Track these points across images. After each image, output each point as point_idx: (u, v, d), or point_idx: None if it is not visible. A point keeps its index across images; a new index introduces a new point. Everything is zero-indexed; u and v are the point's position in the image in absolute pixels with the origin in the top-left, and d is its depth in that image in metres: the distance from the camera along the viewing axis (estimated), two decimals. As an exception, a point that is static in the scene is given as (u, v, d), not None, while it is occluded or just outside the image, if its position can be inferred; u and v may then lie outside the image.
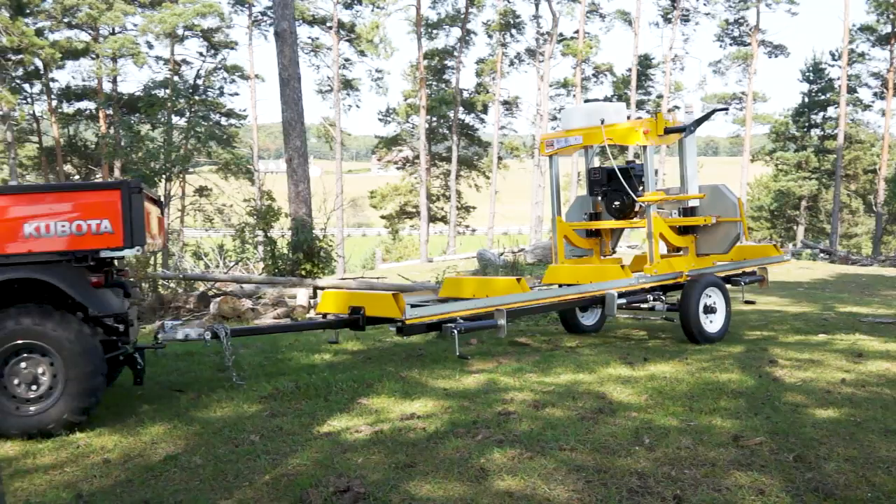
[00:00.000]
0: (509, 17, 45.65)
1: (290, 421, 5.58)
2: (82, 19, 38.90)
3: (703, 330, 8.61)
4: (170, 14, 39.26)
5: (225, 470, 4.58)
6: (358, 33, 44.45)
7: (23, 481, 4.54)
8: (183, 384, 7.03)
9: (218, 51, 43.83)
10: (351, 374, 6.97)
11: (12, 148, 38.73)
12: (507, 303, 7.66)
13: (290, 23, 16.29)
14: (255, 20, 44.69)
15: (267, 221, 17.29)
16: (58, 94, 41.54)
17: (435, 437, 5.05)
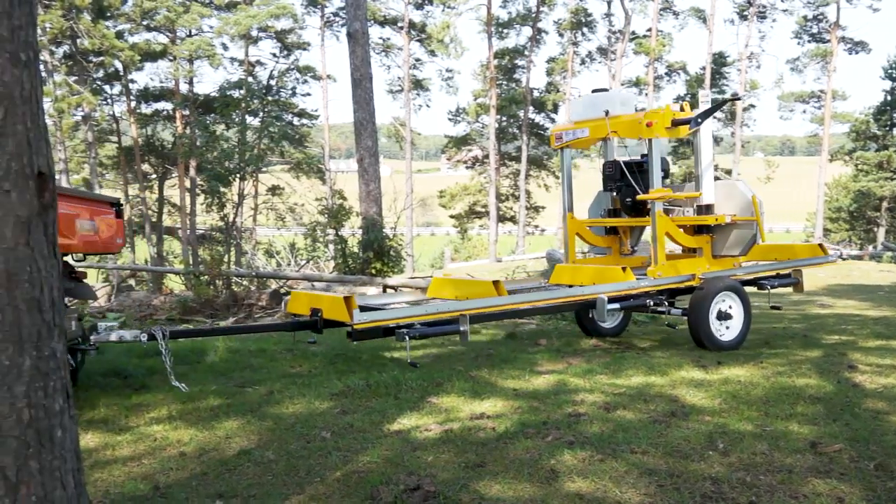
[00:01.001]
0: (581, 16, 45.34)
1: (361, 418, 5.62)
2: (160, 22, 39.81)
3: (714, 337, 8.16)
4: (244, 16, 39.96)
5: (297, 465, 4.63)
6: (429, 33, 44.66)
7: (102, 472, 4.66)
8: (256, 380, 7.14)
9: (291, 52, 44.45)
10: (421, 372, 6.99)
11: (93, 148, 39.86)
12: (471, 308, 7.32)
13: (362, 23, 16.44)
14: (327, 21, 45.22)
15: (338, 220, 17.49)
16: (136, 95, 42.59)
17: (505, 438, 5.03)
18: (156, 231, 42.33)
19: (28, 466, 2.93)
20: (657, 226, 8.32)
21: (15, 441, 2.90)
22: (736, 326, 8.34)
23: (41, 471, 2.96)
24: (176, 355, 8.02)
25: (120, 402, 6.36)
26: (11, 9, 2.79)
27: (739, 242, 8.63)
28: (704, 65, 45.90)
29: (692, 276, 8.48)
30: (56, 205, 3.03)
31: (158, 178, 44.39)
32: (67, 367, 3.12)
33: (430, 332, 7.01)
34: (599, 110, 8.68)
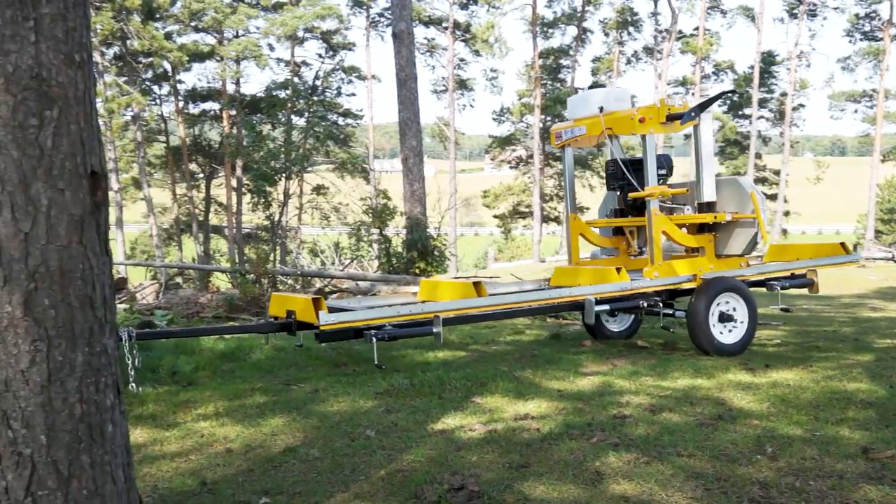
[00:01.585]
0: (627, 15, 45.05)
1: (405, 417, 5.64)
2: (208, 23, 40.30)
3: (714, 340, 7.90)
4: (291, 17, 40.30)
5: (342, 463, 4.66)
6: (473, 33, 44.66)
7: (151, 467, 4.73)
8: (301, 378, 7.19)
9: (336, 52, 44.74)
10: (464, 372, 6.99)
11: (142, 147, 40.48)
12: (445, 309, 7.24)
13: (407, 24, 16.48)
14: (372, 21, 45.44)
15: (382, 220, 17.56)
16: (184, 95, 43.17)
17: (549, 438, 5.01)
18: (202, 230, 42.86)
19: (80, 461, 2.98)
20: (653, 224, 8.10)
21: (67, 435, 2.95)
22: (740, 329, 8.08)
23: (92, 465, 3.01)
24: (223, 353, 8.14)
25: (168, 399, 6.45)
26: (66, 11, 2.84)
27: (742, 241, 8.38)
28: (753, 64, 45.29)
29: (693, 277, 8.24)
30: (108, 203, 3.08)
31: (205, 178, 44.95)
32: (118, 363, 3.17)
33: (400, 334, 6.98)
34: (594, 107, 8.48)
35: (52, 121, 2.84)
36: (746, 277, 8.52)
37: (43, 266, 2.87)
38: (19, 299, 2.86)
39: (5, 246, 2.85)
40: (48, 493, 2.94)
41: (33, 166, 2.83)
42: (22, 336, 2.88)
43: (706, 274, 8.25)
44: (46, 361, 2.90)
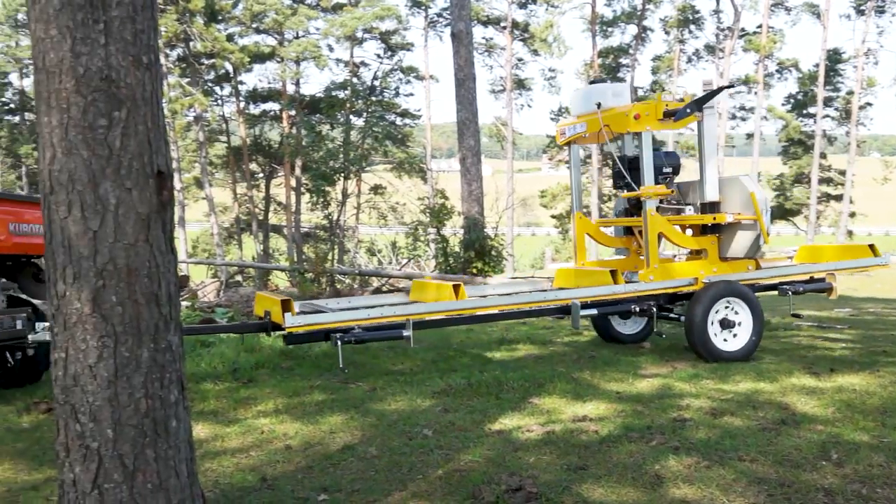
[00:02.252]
0: (688, 13, 44.47)
1: (463, 417, 5.64)
2: (269, 24, 40.78)
3: (713, 347, 7.57)
4: (350, 17, 40.59)
5: (399, 462, 4.67)
6: (531, 33, 44.50)
7: (212, 463, 4.80)
8: (359, 377, 7.24)
9: (395, 52, 44.94)
10: (522, 373, 6.97)
11: (203, 147, 41.13)
12: (418, 312, 7.09)
13: (466, 24, 16.49)
14: (430, 22, 45.54)
15: (440, 220, 17.59)
16: (245, 96, 43.77)
17: (608, 441, 4.97)
18: (262, 229, 43.40)
19: (145, 455, 3.04)
20: (649, 225, 7.85)
21: (133, 430, 3.01)
22: (743, 335, 7.73)
23: (157, 459, 3.07)
24: (283, 351, 8.22)
25: (229, 396, 6.55)
26: (135, 14, 2.90)
27: (744, 243, 8.03)
28: (818, 62, 44.36)
29: (694, 280, 7.92)
30: (174, 202, 3.13)
31: (265, 177, 45.50)
32: (183, 359, 3.22)
33: (369, 337, 6.85)
34: (592, 104, 8.18)
35: (121, 121, 2.90)
36: (753, 281, 8.13)
37: (111, 264, 2.94)
38: (88, 296, 2.93)
39: (75, 244, 2.92)
40: (114, 485, 3.00)
41: (102, 166, 2.89)
42: (90, 332, 2.95)
43: (708, 277, 7.94)
44: (113, 357, 2.97)
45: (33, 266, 7.41)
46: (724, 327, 7.68)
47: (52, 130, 2.90)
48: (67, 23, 2.82)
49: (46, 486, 4.44)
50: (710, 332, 7.60)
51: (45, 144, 2.93)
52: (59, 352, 3.03)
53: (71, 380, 3.00)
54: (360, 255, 25.56)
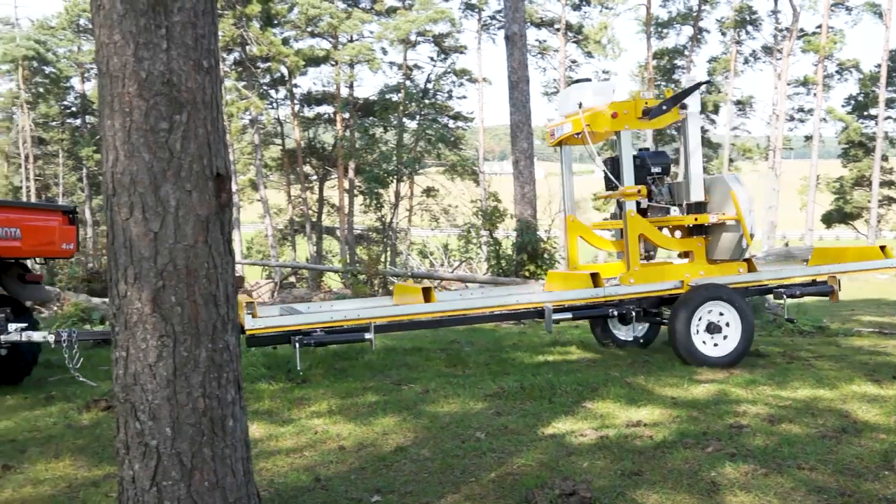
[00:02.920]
0: (745, 14, 43.85)
1: (515, 420, 5.62)
2: (324, 28, 41.13)
3: (696, 352, 7.42)
4: (404, 21, 40.76)
5: (452, 465, 4.67)
6: (585, 34, 44.26)
7: (266, 462, 4.85)
8: (412, 378, 7.26)
9: (448, 55, 45.01)
10: (575, 376, 6.92)
11: (259, 150, 41.63)
12: (380, 316, 7.05)
13: (520, 26, 16.44)
14: (484, 24, 45.51)
15: (492, 222, 17.57)
16: (300, 99, 44.21)
17: (662, 447, 4.91)
18: (315, 230, 43.77)
19: (202, 453, 3.08)
20: (628, 227, 7.72)
21: (191, 429, 3.05)
22: (730, 341, 7.53)
23: (214, 458, 3.11)
24: (335, 352, 8.29)
25: (283, 396, 6.61)
26: (196, 19, 2.95)
27: (728, 245, 7.83)
28: (880, 62, 43.39)
29: (680, 283, 7.72)
30: (232, 204, 3.17)
31: (319, 180, 45.92)
32: (240, 359, 3.26)
33: (329, 340, 6.88)
34: (574, 104, 8.03)
35: (181, 125, 2.95)
36: (743, 284, 7.91)
37: (171, 264, 2.98)
38: (148, 296, 2.98)
39: (136, 245, 2.98)
40: (172, 483, 3.05)
41: (163, 168, 2.94)
42: (150, 332, 3.00)
43: (695, 280, 7.74)
44: (172, 356, 3.02)
45: (20, 267, 7.62)
46: (710, 332, 7.51)
47: (115, 133, 2.95)
48: (130, 28, 2.88)
49: (106, 483, 4.52)
50: (693, 337, 7.45)
51: (108, 147, 2.99)
52: (119, 350, 3.09)
53: (131, 378, 3.05)
54: (413, 257, 25.63)
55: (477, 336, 9.98)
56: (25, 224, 7.23)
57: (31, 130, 45.12)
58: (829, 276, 8.12)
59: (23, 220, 7.23)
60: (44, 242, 7.43)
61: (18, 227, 7.14)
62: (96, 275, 17.74)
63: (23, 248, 7.25)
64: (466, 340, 9.34)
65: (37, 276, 7.77)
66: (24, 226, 7.21)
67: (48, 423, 6.01)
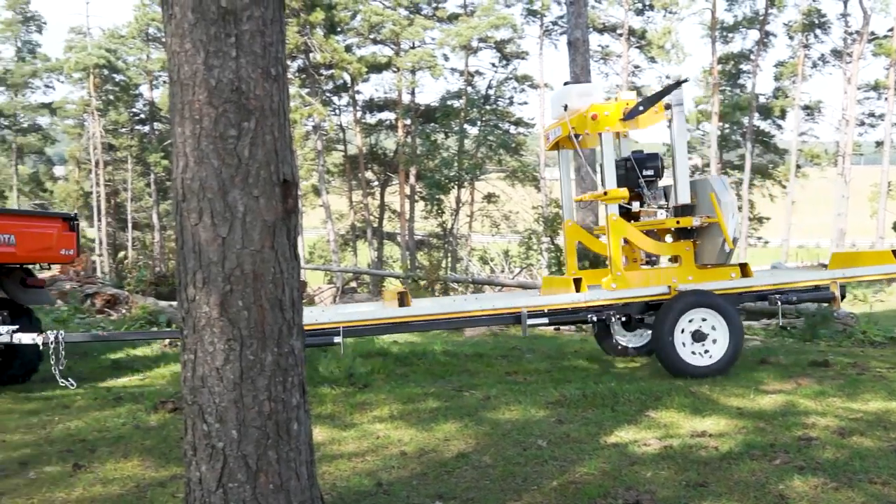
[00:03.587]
0: (814, 17, 42.95)
1: (577, 429, 5.57)
2: (386, 35, 41.44)
3: (679, 361, 7.20)
4: (466, 27, 40.85)
5: (514, 472, 4.65)
6: (649, 39, 43.83)
7: (329, 466, 4.88)
8: (473, 385, 7.25)
9: (509, 61, 44.96)
10: (638, 385, 6.84)
11: (321, 156, 42.05)
12: (350, 321, 7.08)
13: (583, 31, 16.34)
14: (546, 30, 45.37)
15: (553, 228, 17.49)
16: (362, 105, 44.58)
17: (728, 458, 4.82)
18: (377, 236, 44.05)
19: (267, 456, 3.12)
20: (611, 231, 7.55)
21: (256, 431, 3.09)
22: (717, 350, 7.30)
23: (278, 461, 3.14)
24: (398, 357, 8.32)
25: (345, 400, 6.66)
26: (264, 27, 2.99)
27: (713, 249, 7.59)
28: (954, 65, 42.12)
29: (667, 289, 7.49)
30: (298, 210, 3.21)
31: (380, 185, 46.21)
32: (304, 364, 3.29)
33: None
34: (561, 106, 7.91)
35: (250, 132, 2.99)
36: (734, 290, 7.64)
37: (238, 269, 3.03)
38: (216, 300, 3.03)
39: (205, 249, 3.03)
40: (238, 485, 3.09)
41: (231, 175, 2.99)
42: (217, 335, 3.05)
43: (683, 286, 7.49)
44: (239, 360, 3.06)
45: (23, 271, 7.91)
46: (696, 340, 7.30)
47: (185, 140, 3.01)
48: (201, 37, 2.93)
49: (173, 483, 4.60)
50: (677, 345, 7.24)
51: (178, 154, 3.05)
52: (188, 353, 3.14)
53: (199, 381, 3.10)
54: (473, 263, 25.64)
55: (538, 343, 9.93)
56: (21, 231, 7.53)
57: (102, 137, 46.24)
58: (832, 282, 7.82)
59: (18, 228, 7.53)
60: (41, 248, 7.74)
61: (13, 234, 7.44)
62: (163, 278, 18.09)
63: (18, 255, 7.55)
64: (527, 347, 9.30)
65: (39, 280, 8.09)
66: (20, 233, 7.52)
67: (117, 423, 6.13)
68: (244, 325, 3.05)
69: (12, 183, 48.75)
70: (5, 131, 49.30)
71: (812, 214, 57.06)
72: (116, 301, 14.34)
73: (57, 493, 4.51)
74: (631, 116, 7.52)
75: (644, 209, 7.85)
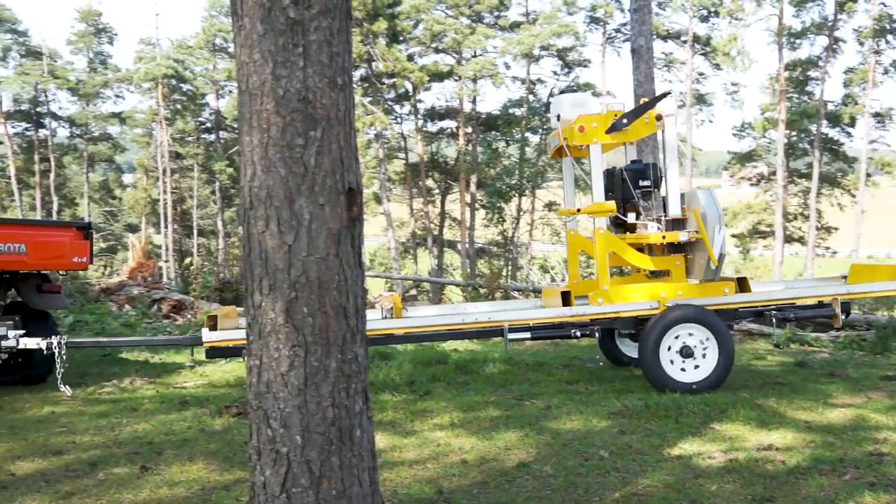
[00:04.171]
0: (885, 22, 41.89)
1: (640, 440, 5.51)
2: (448, 44, 41.56)
3: (667, 377, 7.03)
4: (527, 35, 40.78)
5: (575, 482, 4.62)
6: (714, 46, 43.25)
7: (390, 473, 4.90)
8: (534, 394, 7.22)
9: (571, 69, 44.75)
10: (702, 397, 6.73)
11: (383, 164, 42.34)
12: None
13: (646, 39, 16.18)
14: (608, 37, 45.08)
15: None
16: (423, 113, 44.74)
17: (796, 472, 4.72)
18: (437, 244, 44.15)
19: (330, 462, 3.14)
20: (598, 245, 7.42)
21: (320, 437, 3.12)
22: (705, 366, 7.11)
23: (341, 467, 3.17)
24: (459, 366, 8.32)
25: (406, 407, 6.68)
26: (331, 37, 3.03)
27: (701, 264, 7.38)
28: None
29: (657, 304, 7.30)
30: (363, 218, 3.23)
31: (441, 193, 46.31)
32: (367, 370, 3.31)
33: None
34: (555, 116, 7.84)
35: (316, 140, 3.03)
36: (725, 306, 7.43)
37: (303, 276, 3.06)
38: (282, 307, 3.06)
39: (271, 257, 3.07)
40: (301, 490, 3.12)
41: (298, 183, 3.03)
42: (283, 341, 3.09)
43: (672, 300, 7.32)
44: (304, 366, 3.09)
45: (39, 277, 8.28)
46: (684, 356, 7.12)
47: (253, 149, 3.06)
48: (269, 47, 2.98)
49: (236, 487, 4.66)
50: (663, 361, 7.08)
51: (246, 162, 3.09)
52: (253, 359, 3.18)
53: (264, 386, 3.14)
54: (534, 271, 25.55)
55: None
56: (32, 240, 7.90)
57: (169, 145, 47.18)
58: (832, 299, 7.57)
59: (28, 237, 7.91)
60: (52, 256, 8.09)
61: (24, 243, 7.81)
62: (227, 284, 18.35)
63: (29, 262, 7.92)
64: (588, 357, 9.22)
65: (55, 286, 8.46)
66: (31, 241, 7.88)
67: (183, 427, 6.24)
68: (309, 331, 3.08)
69: (83, 190, 49.98)
70: (77, 140, 50.61)
71: (883, 224, 55.66)
72: (182, 306, 14.63)
73: (125, 494, 4.61)
74: (614, 129, 7.44)
75: (640, 221, 7.73)
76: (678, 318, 7.12)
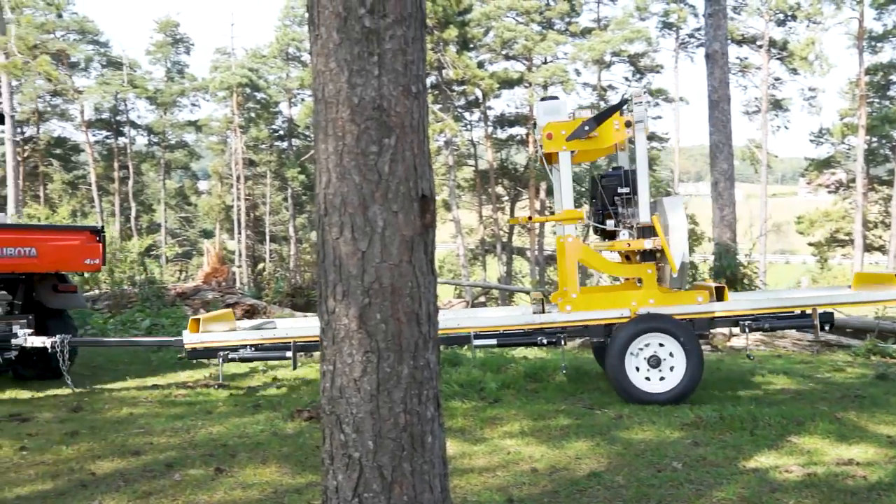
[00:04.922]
0: (970, 25, 40.60)
1: (714, 452, 5.41)
2: (518, 51, 41.55)
3: (630, 386, 6.95)
4: (599, 41, 40.56)
5: (648, 494, 4.56)
6: (790, 51, 42.38)
7: (460, 480, 4.90)
8: (605, 403, 7.15)
9: (643, 75, 44.36)
10: (779, 409, 6.58)
11: (452, 171, 42.48)
12: (301, 335, 7.38)
13: (721, 44, 15.97)
14: (681, 43, 44.55)
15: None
16: (493, 120, 44.79)
17: (878, 488, 4.58)
18: (506, 251, 44.10)
19: (402, 468, 3.15)
20: (566, 252, 7.35)
21: (392, 443, 3.13)
22: (672, 377, 6.98)
23: (413, 473, 3.17)
24: (528, 373, 8.29)
25: (475, 415, 6.68)
26: (406, 46, 3.05)
27: (667, 272, 7.18)
28: None
29: (627, 312, 7.17)
30: (435, 225, 3.24)
31: (510, 200, 46.31)
32: (439, 377, 3.31)
33: (256, 357, 7.56)
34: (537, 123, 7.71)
35: (390, 148, 3.05)
36: (697, 315, 7.24)
37: (376, 283, 3.08)
38: (355, 313, 3.09)
39: (345, 263, 3.10)
40: (373, 495, 3.13)
41: (371, 190, 3.05)
42: (356, 347, 3.11)
43: (643, 309, 7.20)
44: (376, 372, 3.11)
45: (56, 278, 8.76)
46: (651, 366, 7.00)
47: (328, 157, 3.09)
48: (345, 56, 3.01)
49: (308, 491, 4.72)
50: (629, 370, 6.99)
51: (322, 170, 3.13)
52: (327, 364, 3.21)
53: (337, 392, 3.17)
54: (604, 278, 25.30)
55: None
56: (43, 244, 8.34)
57: (243, 153, 48.10)
58: (811, 309, 7.31)
59: (39, 241, 8.37)
60: (63, 259, 8.57)
61: (34, 247, 8.25)
62: (299, 290, 18.60)
63: (40, 265, 8.36)
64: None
65: (70, 286, 8.91)
66: (41, 245, 8.32)
67: (256, 430, 6.34)
68: (381, 337, 3.10)
69: (160, 197, 51.26)
70: (155, 148, 51.93)
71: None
72: (255, 311, 14.87)
73: (200, 495, 4.70)
74: (575, 136, 7.38)
75: (619, 228, 7.67)
76: (645, 328, 7.06)
